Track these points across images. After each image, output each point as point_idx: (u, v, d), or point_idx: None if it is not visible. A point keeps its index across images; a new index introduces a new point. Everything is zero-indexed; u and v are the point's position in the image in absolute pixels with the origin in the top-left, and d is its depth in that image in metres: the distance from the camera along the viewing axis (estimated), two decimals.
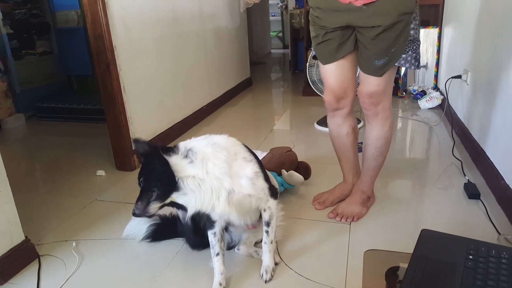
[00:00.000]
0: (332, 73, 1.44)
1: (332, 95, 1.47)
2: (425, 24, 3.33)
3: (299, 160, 1.92)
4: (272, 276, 1.25)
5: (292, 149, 1.94)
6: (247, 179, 1.12)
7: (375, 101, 1.38)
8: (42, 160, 2.48)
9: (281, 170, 1.77)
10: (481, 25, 2.10)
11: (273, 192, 1.24)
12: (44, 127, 3.22)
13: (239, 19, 3.92)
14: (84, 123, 3.19)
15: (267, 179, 1.21)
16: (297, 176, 1.76)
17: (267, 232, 1.25)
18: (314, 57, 1.52)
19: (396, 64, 1.30)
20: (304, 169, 1.88)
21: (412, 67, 1.32)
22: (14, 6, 3.46)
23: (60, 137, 2.95)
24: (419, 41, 1.31)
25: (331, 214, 1.57)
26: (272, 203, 1.23)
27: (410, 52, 1.29)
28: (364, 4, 1.22)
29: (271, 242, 1.27)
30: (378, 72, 1.32)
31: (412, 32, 1.26)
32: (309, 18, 1.41)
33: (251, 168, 1.14)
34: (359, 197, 1.57)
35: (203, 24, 3.07)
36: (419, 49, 1.32)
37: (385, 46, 1.27)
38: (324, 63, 1.44)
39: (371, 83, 1.36)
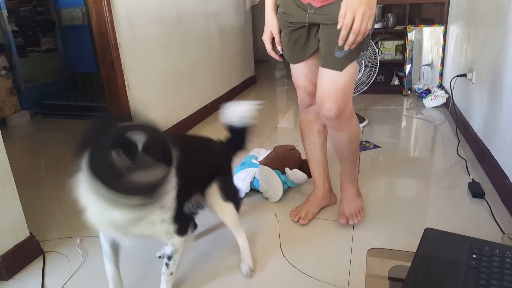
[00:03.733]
0: (302, 72, 1.44)
1: (305, 92, 1.47)
2: (431, 22, 3.30)
3: (302, 158, 1.92)
4: None
5: (296, 148, 1.94)
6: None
7: (342, 104, 1.31)
8: (46, 157, 2.49)
9: (285, 168, 1.77)
10: (487, 23, 2.08)
11: (181, 230, 1.10)
12: (49, 124, 3.24)
13: (244, 17, 3.91)
14: (88, 120, 3.20)
15: (178, 218, 1.08)
16: (300, 175, 1.76)
17: (167, 264, 1.13)
18: None
19: (355, 60, 1.27)
20: (307, 167, 1.88)
21: (361, 63, 1.30)
22: (20, 4, 3.48)
23: (65, 134, 2.96)
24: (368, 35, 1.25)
25: (342, 220, 1.50)
26: (177, 240, 1.10)
27: (365, 51, 1.30)
28: (322, 6, 1.23)
29: (171, 274, 1.15)
30: (338, 65, 1.27)
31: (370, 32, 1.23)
32: (278, 18, 1.38)
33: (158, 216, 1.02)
34: (353, 190, 1.53)
35: (208, 22, 3.07)
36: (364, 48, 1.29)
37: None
38: (293, 62, 1.44)
39: (338, 77, 1.29)
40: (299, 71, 1.45)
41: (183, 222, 1.13)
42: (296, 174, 1.75)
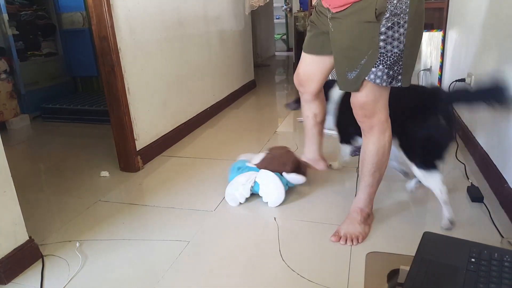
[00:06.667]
0: (305, 61, 1.58)
1: (297, 76, 1.63)
2: (429, 27, 3.32)
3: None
4: None
5: (294, 150, 1.93)
6: None
7: (368, 113, 1.32)
8: (46, 161, 2.49)
9: (282, 172, 1.77)
10: (486, 29, 2.10)
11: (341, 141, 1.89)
12: (49, 128, 3.24)
13: (244, 21, 3.93)
14: (88, 124, 3.21)
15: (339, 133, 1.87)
16: (299, 178, 1.76)
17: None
18: None
19: (366, 78, 1.23)
20: (305, 168, 1.87)
21: (384, 84, 1.22)
22: (20, 8, 3.49)
23: (65, 138, 2.97)
24: (394, 57, 1.20)
25: (334, 238, 1.45)
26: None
27: (380, 67, 1.21)
28: (337, 12, 1.23)
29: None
30: (352, 86, 1.28)
31: (382, 44, 1.18)
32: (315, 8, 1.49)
33: None
34: (358, 216, 1.47)
35: (208, 26, 3.08)
36: (397, 66, 1.21)
37: (355, 56, 1.23)
38: (304, 50, 1.56)
39: (358, 94, 1.30)
40: (304, 59, 1.57)
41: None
42: (294, 178, 1.76)
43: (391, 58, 1.20)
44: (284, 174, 1.76)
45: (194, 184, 1.88)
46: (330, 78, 1.77)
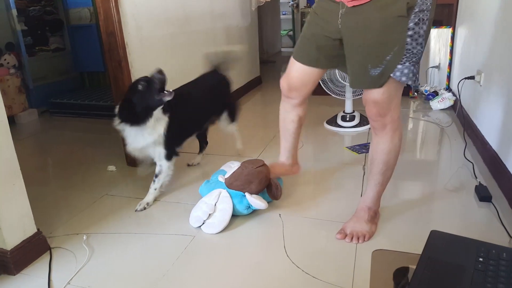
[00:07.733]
0: (297, 69, 1.45)
1: (287, 83, 1.52)
2: (438, 24, 3.29)
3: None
4: (144, 208, 1.70)
5: (265, 164, 1.69)
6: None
7: (382, 111, 1.28)
8: (54, 155, 2.51)
9: (245, 192, 1.60)
10: (496, 25, 2.07)
11: (168, 157, 1.74)
12: (57, 122, 3.27)
13: (250, 17, 3.92)
14: (95, 119, 3.23)
15: (167, 146, 1.71)
16: (259, 203, 1.58)
17: (154, 181, 1.75)
18: None
19: (391, 75, 1.20)
20: (275, 188, 1.68)
21: (409, 82, 1.20)
22: (29, 3, 3.51)
23: (72, 133, 2.99)
24: (418, 54, 1.19)
25: (339, 235, 1.43)
26: (164, 163, 1.74)
27: (407, 64, 1.18)
28: (354, 6, 1.17)
29: (155, 189, 1.75)
30: (376, 82, 1.22)
31: (409, 40, 1.15)
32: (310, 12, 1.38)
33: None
34: (366, 214, 1.45)
35: (214, 23, 3.08)
36: (418, 64, 1.20)
37: (380, 52, 1.18)
38: (295, 57, 1.44)
39: (375, 91, 1.26)
40: (296, 67, 1.44)
41: (171, 152, 1.75)
42: (254, 202, 1.58)
43: (415, 56, 1.18)
44: (246, 195, 1.59)
45: (199, 179, 1.88)
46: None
